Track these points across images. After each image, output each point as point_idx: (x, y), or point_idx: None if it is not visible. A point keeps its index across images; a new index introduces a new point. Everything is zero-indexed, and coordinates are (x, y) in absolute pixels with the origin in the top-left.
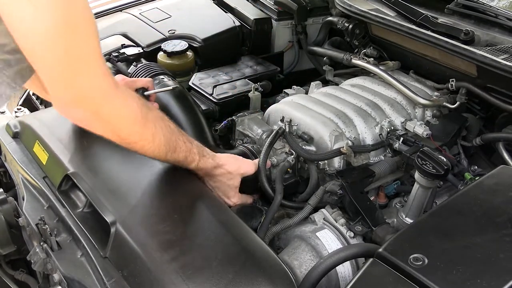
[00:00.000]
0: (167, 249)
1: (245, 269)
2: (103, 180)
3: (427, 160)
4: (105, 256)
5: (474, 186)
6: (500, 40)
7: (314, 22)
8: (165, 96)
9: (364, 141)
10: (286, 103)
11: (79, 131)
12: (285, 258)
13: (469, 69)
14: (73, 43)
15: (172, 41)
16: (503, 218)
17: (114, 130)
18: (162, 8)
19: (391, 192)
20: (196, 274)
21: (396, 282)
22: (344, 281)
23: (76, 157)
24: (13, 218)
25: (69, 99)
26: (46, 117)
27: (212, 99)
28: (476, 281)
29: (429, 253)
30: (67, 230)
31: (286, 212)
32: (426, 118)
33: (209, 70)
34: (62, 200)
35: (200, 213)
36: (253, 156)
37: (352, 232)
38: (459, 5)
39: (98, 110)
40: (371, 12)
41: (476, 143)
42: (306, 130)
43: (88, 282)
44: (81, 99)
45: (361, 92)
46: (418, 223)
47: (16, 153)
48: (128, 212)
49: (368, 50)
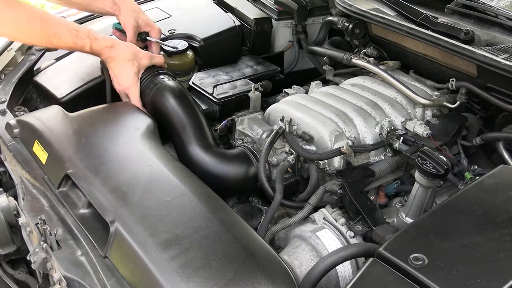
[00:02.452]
0: (166, 248)
1: (245, 268)
2: (103, 179)
3: (427, 160)
4: (105, 256)
5: (474, 185)
6: (500, 39)
7: (314, 22)
8: (165, 94)
9: (364, 140)
10: (286, 103)
11: (79, 131)
12: (285, 257)
13: (469, 68)
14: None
15: (172, 41)
16: (503, 218)
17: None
18: (162, 8)
19: (391, 192)
20: (195, 273)
21: (396, 282)
22: (344, 280)
23: (75, 156)
24: (13, 218)
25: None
26: (46, 117)
27: (213, 98)
28: (476, 280)
29: (429, 253)
30: (67, 230)
31: (286, 212)
32: (426, 118)
33: (209, 70)
34: (62, 199)
35: (199, 211)
36: (253, 155)
37: (352, 232)
38: (459, 4)
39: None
40: (371, 12)
41: (476, 142)
42: (306, 130)
43: (88, 281)
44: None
45: (361, 91)
46: (418, 222)
47: (16, 152)
48: (127, 211)
49: (368, 50)
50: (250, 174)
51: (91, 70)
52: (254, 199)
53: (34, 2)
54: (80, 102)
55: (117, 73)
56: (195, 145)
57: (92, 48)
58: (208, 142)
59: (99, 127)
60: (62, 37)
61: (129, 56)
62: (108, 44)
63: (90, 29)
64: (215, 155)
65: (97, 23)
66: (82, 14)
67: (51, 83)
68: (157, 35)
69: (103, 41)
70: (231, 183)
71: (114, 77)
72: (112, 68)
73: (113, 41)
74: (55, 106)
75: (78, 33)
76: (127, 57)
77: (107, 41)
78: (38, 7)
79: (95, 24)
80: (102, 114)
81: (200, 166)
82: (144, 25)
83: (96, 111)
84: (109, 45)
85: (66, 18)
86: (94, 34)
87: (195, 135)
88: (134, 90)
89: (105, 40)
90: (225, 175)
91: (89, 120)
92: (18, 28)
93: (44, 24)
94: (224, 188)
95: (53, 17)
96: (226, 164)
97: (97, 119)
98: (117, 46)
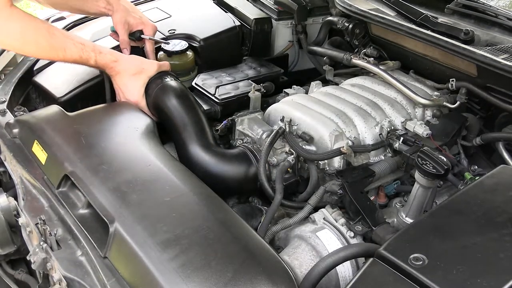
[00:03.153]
0: (166, 248)
1: (245, 268)
2: (102, 179)
3: (427, 160)
4: (105, 256)
5: (474, 186)
6: (500, 39)
7: (314, 22)
8: (167, 94)
9: (364, 141)
10: (286, 103)
11: (79, 131)
12: (285, 258)
13: (469, 69)
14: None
15: (172, 41)
16: (503, 218)
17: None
18: (162, 8)
19: (391, 192)
20: (195, 273)
21: (396, 282)
22: (344, 281)
23: (75, 156)
24: (13, 218)
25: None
26: (45, 117)
27: (214, 99)
28: (476, 281)
29: (429, 253)
30: (66, 230)
31: (286, 212)
32: (426, 118)
33: (212, 71)
34: (62, 199)
35: (199, 211)
36: (253, 155)
37: (352, 232)
38: (459, 4)
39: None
40: (371, 12)
41: (476, 143)
42: (306, 130)
43: (88, 281)
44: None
45: (361, 91)
46: (418, 223)
47: (15, 152)
48: (127, 211)
49: (368, 50)
50: (250, 174)
51: (90, 70)
52: (254, 199)
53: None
54: (79, 102)
55: (123, 87)
56: (195, 144)
57: (97, 62)
58: (209, 142)
59: (98, 127)
60: (68, 50)
61: (133, 70)
62: (112, 58)
63: (95, 43)
64: (215, 155)
65: (93, 25)
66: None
67: (50, 83)
68: (151, 32)
69: (107, 55)
70: (231, 183)
71: (119, 91)
72: (117, 82)
73: (117, 55)
74: (55, 106)
75: (84, 46)
76: (132, 71)
77: (111, 55)
78: (41, 19)
79: (92, 26)
80: (101, 114)
81: (200, 165)
82: (137, 23)
83: (95, 111)
84: (113, 59)
85: (75, 15)
86: (99, 48)
87: (196, 134)
88: (142, 103)
89: (109, 55)
90: (225, 175)
91: (89, 120)
92: (25, 41)
93: (51, 37)
94: (224, 188)
95: (58, 30)
96: (226, 164)
97: (97, 119)
98: (121, 60)
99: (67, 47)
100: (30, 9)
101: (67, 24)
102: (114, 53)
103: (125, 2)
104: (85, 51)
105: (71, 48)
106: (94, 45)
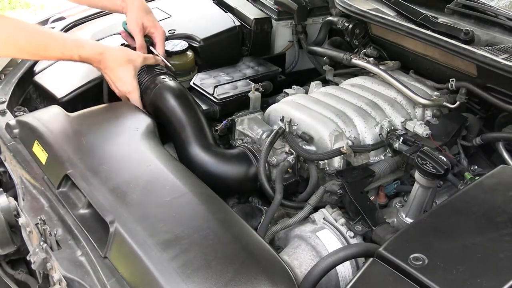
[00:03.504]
0: (166, 248)
1: (245, 268)
2: (102, 180)
3: (427, 160)
4: (105, 256)
5: (474, 186)
6: (500, 39)
7: (314, 22)
8: (166, 95)
9: (364, 141)
10: (286, 103)
11: (79, 131)
12: (285, 258)
13: (469, 69)
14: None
15: (172, 41)
16: (503, 218)
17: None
18: (162, 8)
19: (391, 192)
20: (195, 273)
21: (396, 282)
22: (344, 281)
23: (75, 157)
24: (13, 218)
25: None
26: (46, 117)
27: (213, 99)
28: (476, 281)
29: (429, 253)
30: (66, 230)
31: (286, 212)
32: (426, 118)
33: (210, 71)
34: (62, 200)
35: (199, 211)
36: (253, 155)
37: (352, 232)
38: (459, 4)
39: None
40: (371, 12)
41: (476, 143)
42: (306, 130)
43: (88, 281)
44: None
45: (361, 91)
46: (418, 223)
47: (15, 153)
48: (127, 211)
49: (368, 50)
50: (250, 174)
51: (90, 70)
52: (254, 199)
53: (25, 6)
54: (80, 102)
55: (114, 79)
56: (195, 145)
57: (81, 57)
58: (208, 142)
59: (99, 127)
60: (49, 48)
61: (122, 60)
62: (97, 51)
63: (79, 37)
64: (215, 155)
65: (93, 25)
66: (91, 10)
67: (51, 83)
68: (161, 38)
69: (90, 48)
70: (231, 183)
71: (111, 83)
72: (108, 75)
73: (101, 48)
74: (55, 106)
75: (65, 42)
76: (120, 62)
77: (96, 48)
78: (23, 20)
79: (92, 26)
80: (101, 114)
81: (200, 166)
82: (150, 26)
83: (95, 111)
84: (98, 52)
85: (75, 15)
86: (81, 42)
87: (195, 135)
88: (135, 93)
89: (93, 47)
90: (225, 175)
91: (89, 120)
92: (4, 43)
93: (29, 36)
94: (224, 188)
95: (39, 28)
96: (226, 164)
97: (97, 119)
98: (107, 52)
99: (47, 45)
100: (30, 9)
101: (67, 24)
102: (97, 46)
103: (140, 1)
104: (66, 48)
105: (51, 45)
106: (77, 40)
